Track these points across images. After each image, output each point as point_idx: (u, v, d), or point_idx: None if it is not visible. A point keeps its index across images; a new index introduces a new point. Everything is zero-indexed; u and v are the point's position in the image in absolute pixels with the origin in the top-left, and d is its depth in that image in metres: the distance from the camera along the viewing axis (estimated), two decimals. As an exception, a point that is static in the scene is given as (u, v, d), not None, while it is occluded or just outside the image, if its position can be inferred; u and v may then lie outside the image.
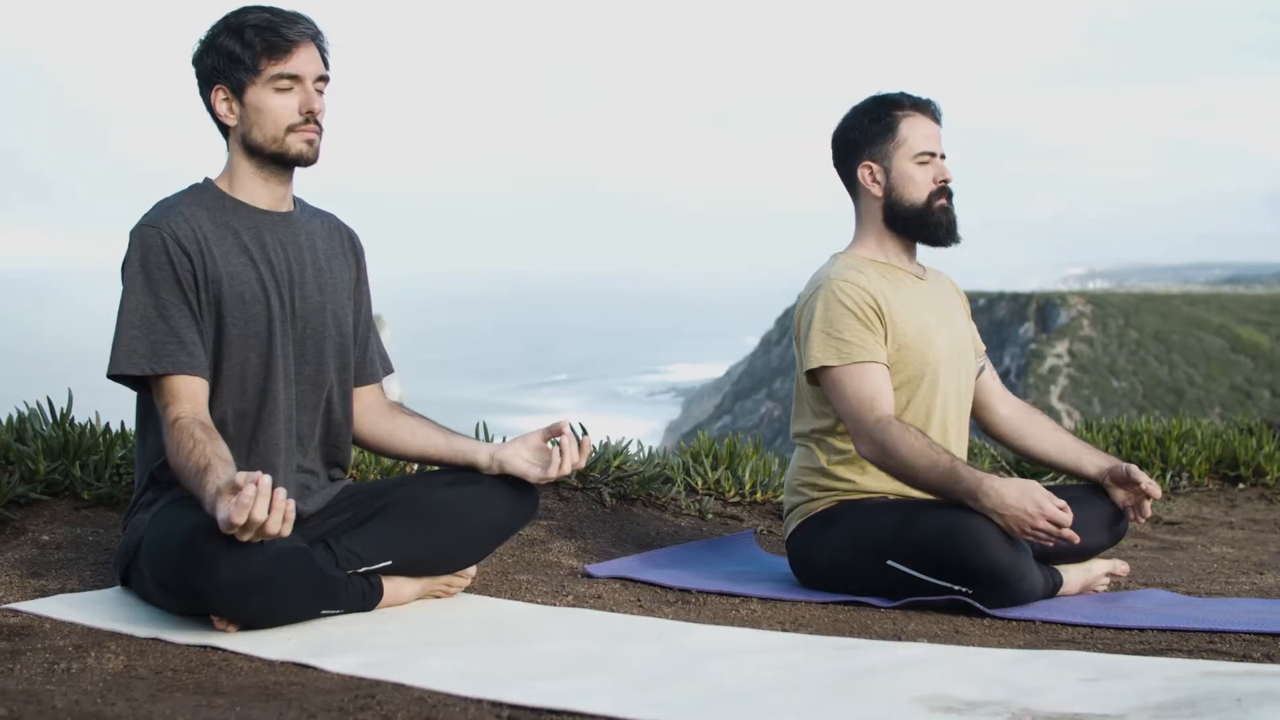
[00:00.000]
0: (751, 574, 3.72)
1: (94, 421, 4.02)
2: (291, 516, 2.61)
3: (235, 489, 2.56)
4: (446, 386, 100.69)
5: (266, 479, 2.58)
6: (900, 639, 2.92)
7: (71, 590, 3.12)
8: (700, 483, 4.86)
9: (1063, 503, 3.21)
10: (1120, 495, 3.68)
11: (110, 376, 2.94)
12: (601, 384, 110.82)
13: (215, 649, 2.64)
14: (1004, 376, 53.50)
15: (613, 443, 4.78)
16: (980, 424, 3.87)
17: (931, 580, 3.28)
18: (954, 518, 3.24)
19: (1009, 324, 58.53)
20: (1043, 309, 59.04)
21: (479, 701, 2.29)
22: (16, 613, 2.88)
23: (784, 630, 3.02)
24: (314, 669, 2.51)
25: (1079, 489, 3.74)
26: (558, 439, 3.17)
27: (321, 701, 2.26)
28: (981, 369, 3.82)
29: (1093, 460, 3.73)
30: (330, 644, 2.68)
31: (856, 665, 2.53)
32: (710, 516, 4.61)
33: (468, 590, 3.30)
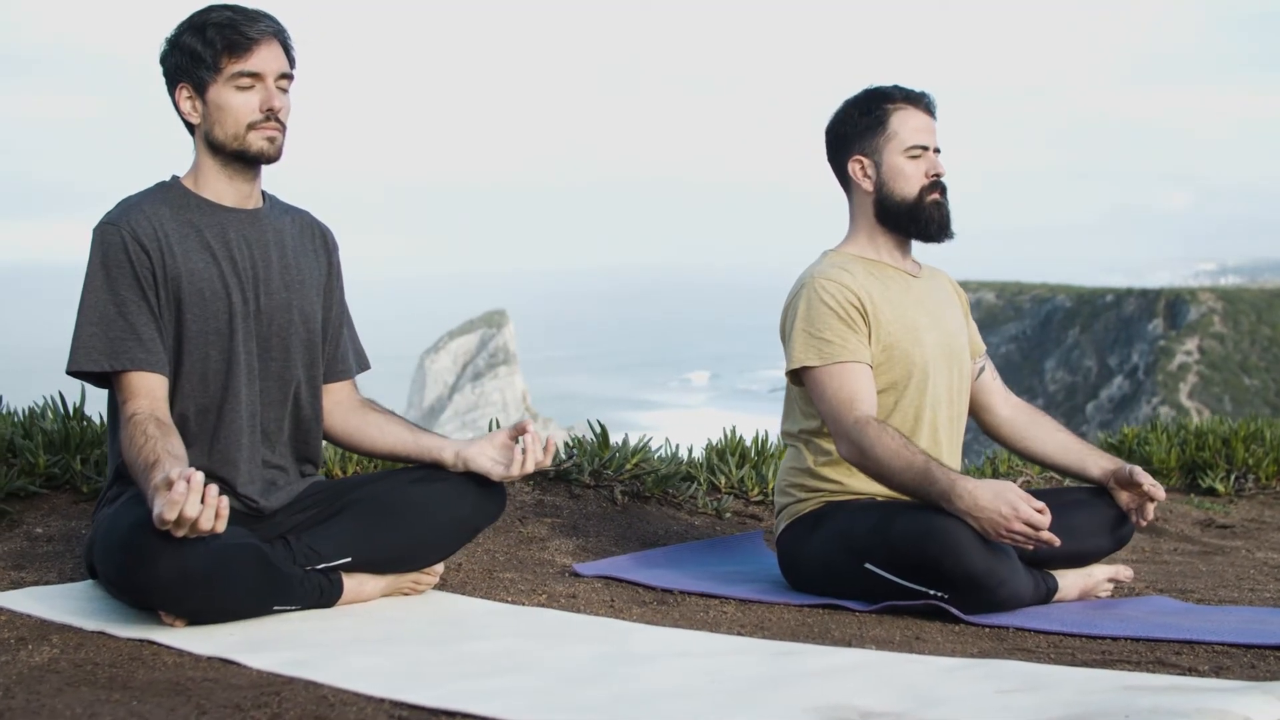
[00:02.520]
0: (744, 574, 3.67)
1: (104, 416, 4.08)
2: (225, 513, 2.62)
3: (170, 485, 2.58)
4: (575, 383, 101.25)
5: (199, 476, 2.59)
6: (852, 645, 2.85)
7: (48, 582, 3.17)
8: (724, 481, 4.81)
9: (1040, 505, 3.12)
10: (1124, 498, 3.57)
11: (70, 373, 2.98)
12: (726, 380, 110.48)
13: (151, 643, 2.66)
14: (1131, 374, 52.47)
15: (632, 441, 4.74)
16: (981, 426, 3.78)
17: (907, 584, 3.20)
18: (928, 521, 3.16)
19: (1137, 321, 57.35)
20: (1172, 305, 57.74)
21: (380, 701, 2.28)
22: (-20, 604, 2.93)
23: (742, 634, 2.96)
24: (238, 665, 2.52)
25: (1082, 491, 3.64)
26: (523, 437, 3.15)
27: (223, 698, 2.27)
28: (981, 369, 3.73)
29: (1096, 462, 3.62)
30: (267, 640, 2.68)
31: (781, 671, 2.48)
32: (728, 515, 4.56)
33: (438, 587, 3.29)
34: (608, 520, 4.25)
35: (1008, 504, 3.09)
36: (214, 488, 2.61)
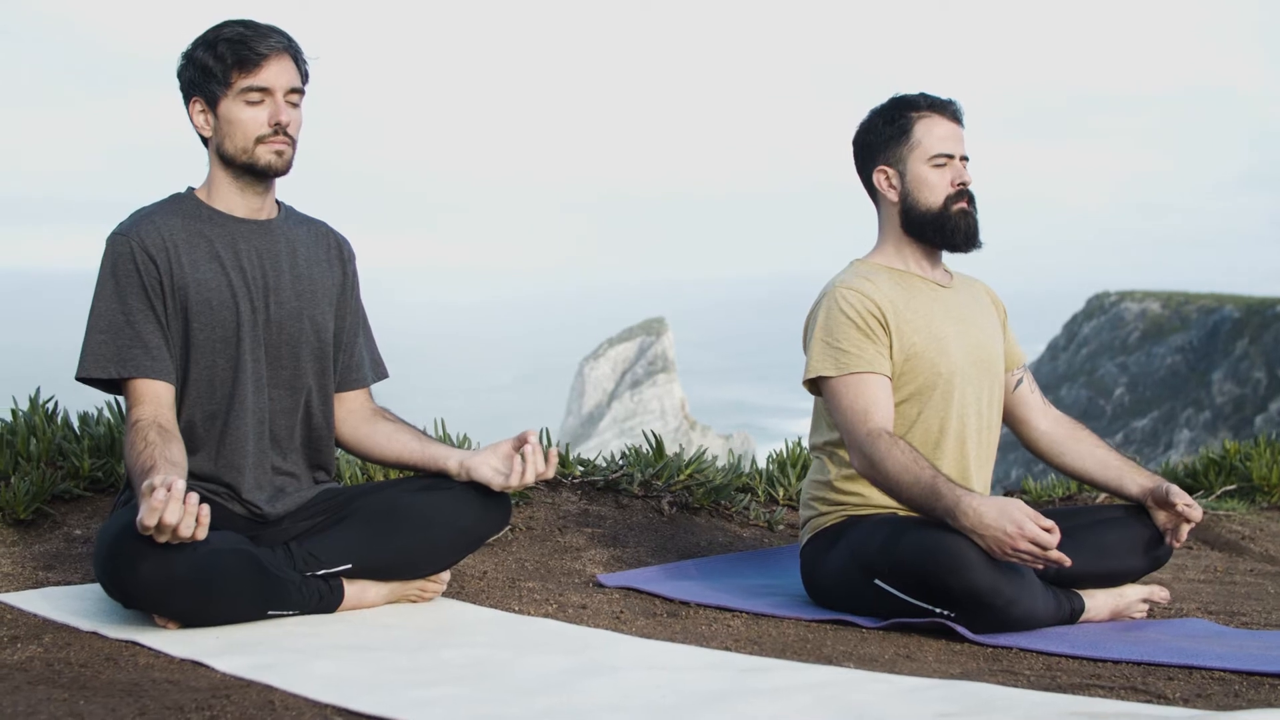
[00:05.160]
0: (769, 588, 3.63)
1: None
2: (205, 521, 2.68)
3: (153, 492, 2.65)
4: (733, 391, 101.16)
5: (180, 484, 2.65)
6: (834, 662, 2.80)
7: (71, 583, 3.26)
8: (781, 493, 4.77)
9: (1049, 523, 3.03)
10: (1161, 517, 3.45)
11: (79, 379, 3.06)
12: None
13: (134, 644, 2.72)
14: (1299, 389, 50.77)
15: (686, 454, 4.71)
16: (1020, 439, 3.69)
17: (915, 602, 3.14)
18: (934, 538, 3.09)
19: (1309, 332, 55.49)
20: (1346, 316, 55.72)
21: (324, 707, 2.30)
22: (-8, 604, 3.03)
23: (733, 648, 2.91)
24: (207, 667, 2.56)
25: (1119, 509, 3.53)
26: (524, 447, 3.16)
27: (172, 700, 2.31)
28: (1020, 381, 3.64)
29: (1135, 479, 3.51)
30: (247, 644, 2.72)
31: (738, 688, 2.44)
32: (780, 527, 4.51)
33: (454, 594, 3.32)
34: (650, 531, 4.24)
35: (1013, 522, 3.01)
36: (194, 496, 2.67)
